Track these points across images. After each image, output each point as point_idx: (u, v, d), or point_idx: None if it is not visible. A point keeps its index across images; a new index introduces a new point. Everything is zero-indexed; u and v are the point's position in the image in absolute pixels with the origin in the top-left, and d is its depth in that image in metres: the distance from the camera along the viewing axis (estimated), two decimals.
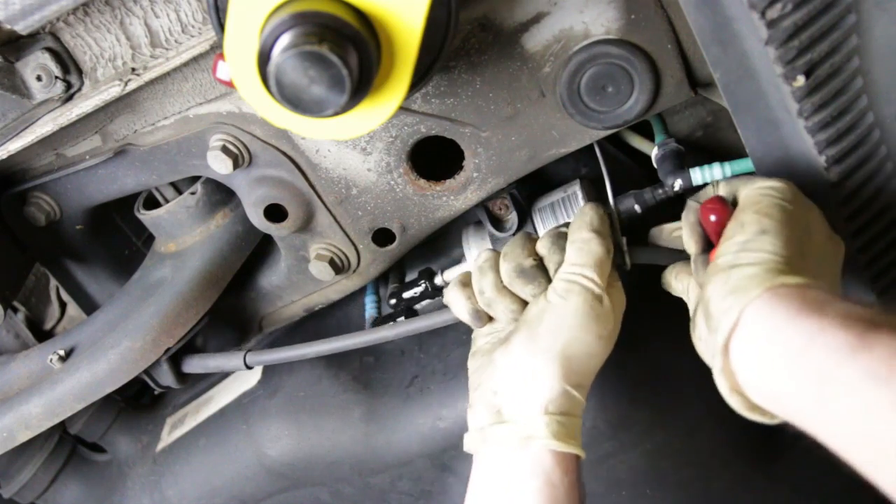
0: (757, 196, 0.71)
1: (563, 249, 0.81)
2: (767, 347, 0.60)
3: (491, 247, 1.01)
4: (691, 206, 0.79)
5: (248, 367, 1.01)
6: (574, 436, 0.77)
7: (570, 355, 0.77)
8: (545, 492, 0.74)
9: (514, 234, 0.98)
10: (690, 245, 0.78)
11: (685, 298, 0.82)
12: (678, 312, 0.91)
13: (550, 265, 0.82)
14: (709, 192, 0.80)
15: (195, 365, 1.02)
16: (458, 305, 0.87)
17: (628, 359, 0.98)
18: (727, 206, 0.74)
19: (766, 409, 0.64)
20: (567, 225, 0.85)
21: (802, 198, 0.72)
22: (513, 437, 0.77)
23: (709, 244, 0.77)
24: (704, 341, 0.69)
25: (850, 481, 1.14)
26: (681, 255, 0.84)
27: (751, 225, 0.68)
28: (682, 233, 0.79)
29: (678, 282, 0.83)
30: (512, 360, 0.79)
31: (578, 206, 0.97)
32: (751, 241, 0.67)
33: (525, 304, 0.83)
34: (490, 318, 0.87)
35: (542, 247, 0.83)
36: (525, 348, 0.78)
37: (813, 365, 0.56)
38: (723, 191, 0.79)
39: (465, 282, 0.87)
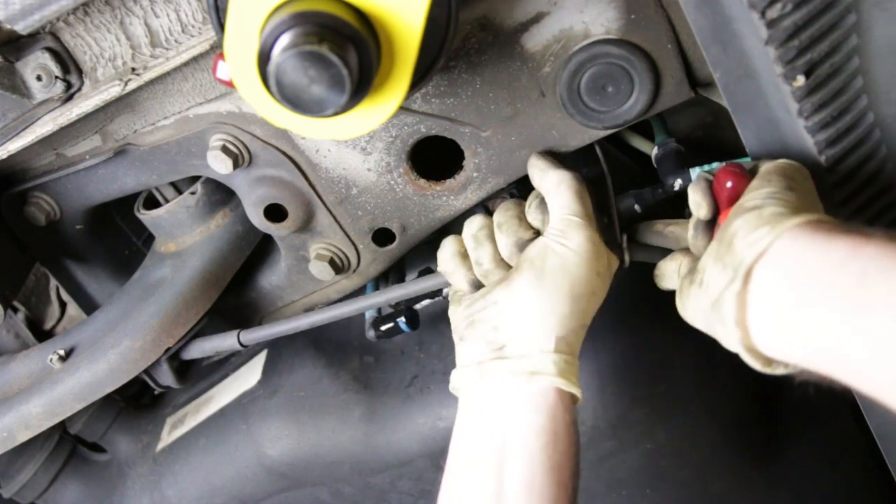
0: (782, 164, 0.71)
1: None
2: (800, 265, 0.57)
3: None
4: (703, 175, 0.77)
5: (243, 346, 1.01)
6: (577, 376, 0.78)
7: (577, 294, 0.78)
8: (548, 427, 0.75)
9: None
10: (701, 208, 0.75)
11: (675, 277, 0.80)
12: (678, 312, 0.90)
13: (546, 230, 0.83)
14: (717, 164, 0.80)
15: (193, 350, 1.02)
16: (457, 277, 0.88)
17: (628, 359, 0.98)
18: (746, 175, 0.73)
19: (766, 351, 0.62)
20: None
21: (813, 185, 0.72)
22: (517, 371, 0.76)
23: (716, 214, 0.75)
24: (707, 285, 0.67)
25: (850, 481, 1.14)
26: None
27: (778, 182, 0.67)
28: (689, 199, 0.77)
29: (672, 261, 0.82)
30: (516, 297, 0.79)
31: None
32: (779, 192, 0.66)
33: None
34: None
35: (534, 218, 0.85)
36: (532, 287, 0.78)
37: (855, 271, 0.52)
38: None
39: (464, 252, 0.87)
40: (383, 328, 1.06)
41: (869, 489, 1.10)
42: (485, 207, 1.01)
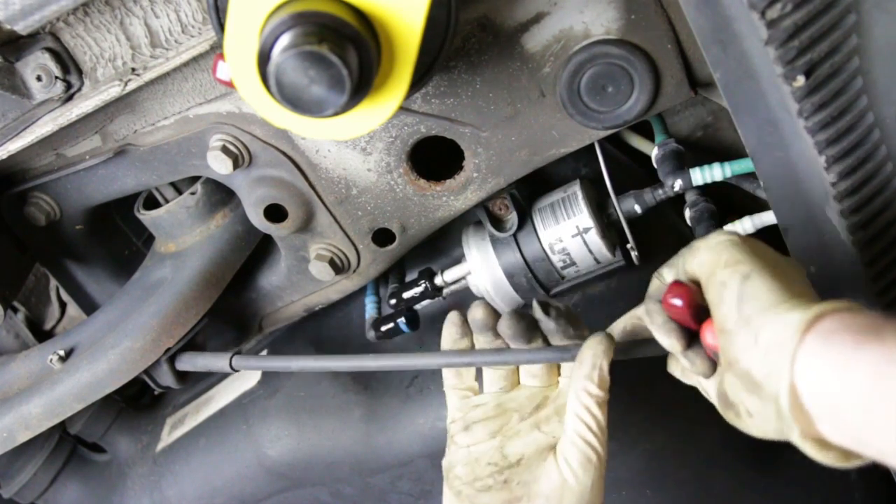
0: (711, 256, 0.66)
1: (536, 331, 0.82)
2: (838, 392, 0.55)
3: (491, 247, 1.01)
4: (651, 307, 0.70)
5: (234, 370, 1.00)
6: None
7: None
8: None
9: (513, 234, 0.99)
10: (674, 345, 0.70)
11: (681, 374, 0.80)
12: None
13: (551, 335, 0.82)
14: (654, 288, 0.76)
15: (185, 362, 1.02)
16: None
17: (627, 359, 0.98)
18: (687, 286, 0.68)
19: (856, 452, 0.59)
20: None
21: (744, 237, 0.68)
22: None
23: (690, 333, 0.70)
24: (758, 415, 0.65)
25: (850, 481, 1.14)
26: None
27: (730, 278, 0.63)
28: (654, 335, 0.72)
29: (685, 377, 0.80)
30: None
31: (578, 206, 0.97)
32: (741, 289, 0.62)
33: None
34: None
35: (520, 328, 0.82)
36: None
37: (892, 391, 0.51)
38: (669, 276, 0.74)
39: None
40: (383, 329, 1.06)
41: (869, 489, 1.10)
42: (485, 208, 1.01)
